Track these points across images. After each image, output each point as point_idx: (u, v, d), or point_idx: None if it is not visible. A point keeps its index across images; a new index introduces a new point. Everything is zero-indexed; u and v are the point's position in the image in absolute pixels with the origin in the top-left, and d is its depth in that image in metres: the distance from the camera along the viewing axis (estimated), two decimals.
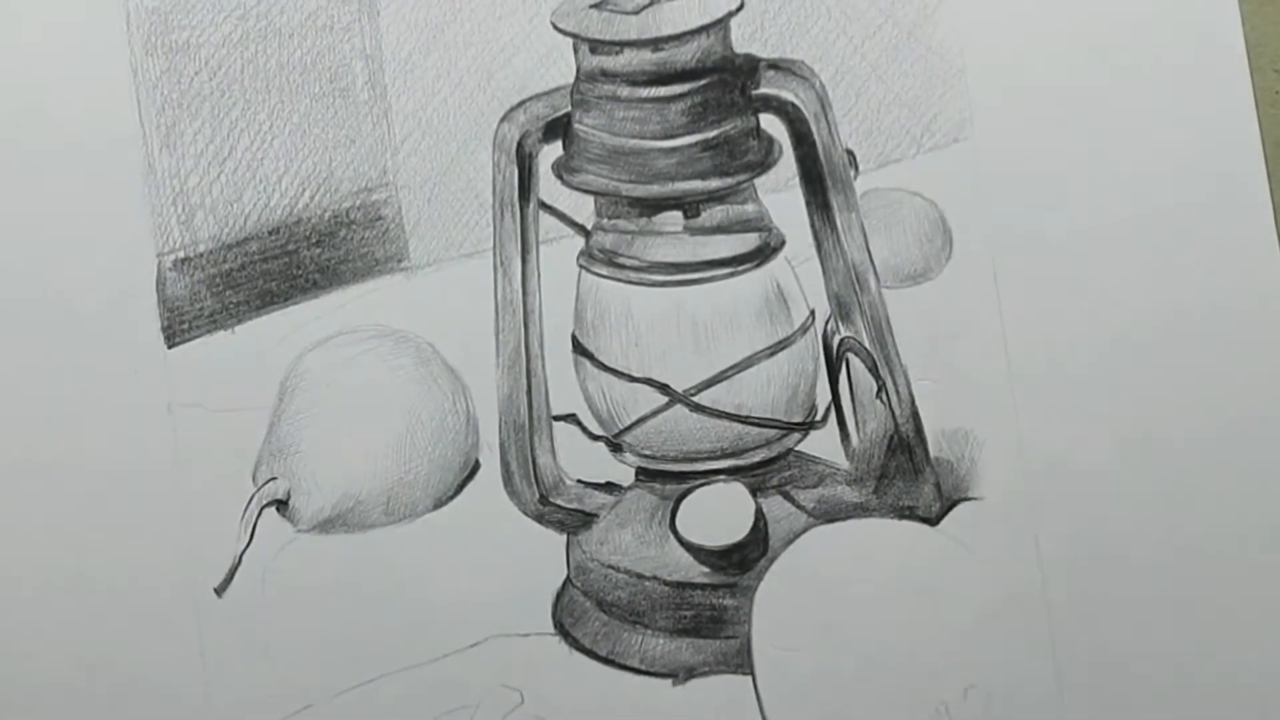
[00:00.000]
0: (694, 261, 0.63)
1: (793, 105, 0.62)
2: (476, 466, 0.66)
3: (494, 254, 0.64)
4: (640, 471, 0.65)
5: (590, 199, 0.64)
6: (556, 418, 0.66)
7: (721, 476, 0.64)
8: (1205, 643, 0.63)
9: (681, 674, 0.63)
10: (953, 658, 0.61)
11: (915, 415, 0.64)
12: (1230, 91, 0.66)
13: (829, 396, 0.65)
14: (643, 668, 0.64)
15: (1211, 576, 0.64)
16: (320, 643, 0.63)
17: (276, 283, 0.64)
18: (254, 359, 0.64)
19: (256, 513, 0.64)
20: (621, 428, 0.64)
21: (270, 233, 0.64)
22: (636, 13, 0.61)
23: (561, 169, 0.63)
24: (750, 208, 0.64)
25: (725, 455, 0.64)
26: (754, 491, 0.64)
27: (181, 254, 0.63)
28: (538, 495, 0.65)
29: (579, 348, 0.64)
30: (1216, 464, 0.64)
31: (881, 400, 0.64)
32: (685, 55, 0.61)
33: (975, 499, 0.65)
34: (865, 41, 0.65)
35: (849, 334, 0.64)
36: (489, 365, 0.65)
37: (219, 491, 0.63)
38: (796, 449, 0.65)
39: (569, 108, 0.63)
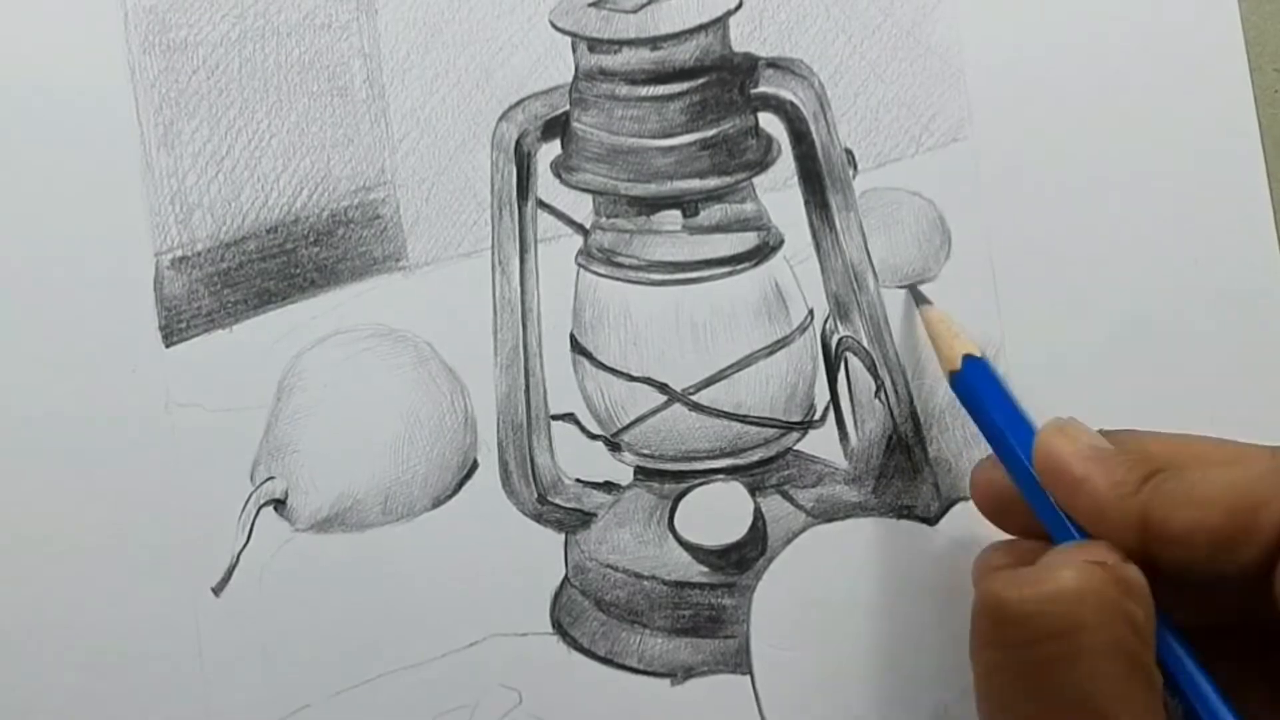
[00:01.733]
0: (692, 260, 0.63)
1: (791, 104, 0.62)
2: (474, 466, 0.66)
3: (492, 253, 0.64)
4: (639, 471, 0.65)
5: (589, 198, 0.64)
6: (555, 417, 0.65)
7: (720, 476, 0.64)
8: None
9: (680, 673, 0.63)
10: (952, 658, 0.61)
11: (914, 415, 0.64)
12: (1230, 90, 0.66)
13: (828, 396, 0.65)
14: (641, 667, 0.64)
15: None
16: (318, 642, 0.63)
17: (274, 281, 0.64)
18: (252, 358, 0.64)
19: (254, 512, 0.63)
20: (620, 427, 0.64)
21: (268, 231, 0.64)
22: (635, 11, 0.61)
23: (560, 168, 0.63)
24: (749, 207, 0.64)
25: (724, 454, 0.64)
26: (752, 491, 0.64)
27: (179, 253, 0.63)
28: (536, 494, 0.65)
29: (577, 347, 0.64)
30: None
31: (880, 400, 0.64)
32: (684, 54, 0.61)
33: None
34: (864, 40, 0.65)
35: (847, 333, 0.64)
36: (487, 364, 0.64)
37: (216, 491, 0.63)
38: (795, 448, 0.65)
39: (567, 106, 0.63)
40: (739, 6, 0.62)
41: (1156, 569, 0.49)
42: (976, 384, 0.58)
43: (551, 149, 0.64)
